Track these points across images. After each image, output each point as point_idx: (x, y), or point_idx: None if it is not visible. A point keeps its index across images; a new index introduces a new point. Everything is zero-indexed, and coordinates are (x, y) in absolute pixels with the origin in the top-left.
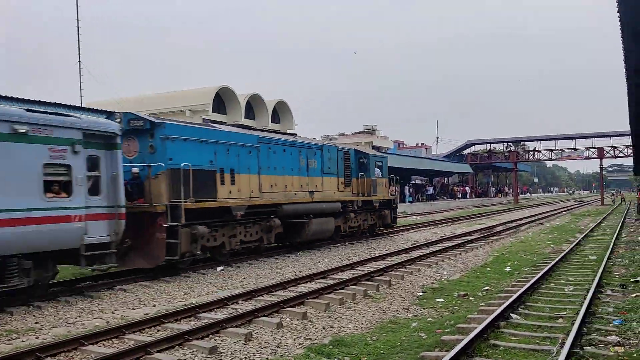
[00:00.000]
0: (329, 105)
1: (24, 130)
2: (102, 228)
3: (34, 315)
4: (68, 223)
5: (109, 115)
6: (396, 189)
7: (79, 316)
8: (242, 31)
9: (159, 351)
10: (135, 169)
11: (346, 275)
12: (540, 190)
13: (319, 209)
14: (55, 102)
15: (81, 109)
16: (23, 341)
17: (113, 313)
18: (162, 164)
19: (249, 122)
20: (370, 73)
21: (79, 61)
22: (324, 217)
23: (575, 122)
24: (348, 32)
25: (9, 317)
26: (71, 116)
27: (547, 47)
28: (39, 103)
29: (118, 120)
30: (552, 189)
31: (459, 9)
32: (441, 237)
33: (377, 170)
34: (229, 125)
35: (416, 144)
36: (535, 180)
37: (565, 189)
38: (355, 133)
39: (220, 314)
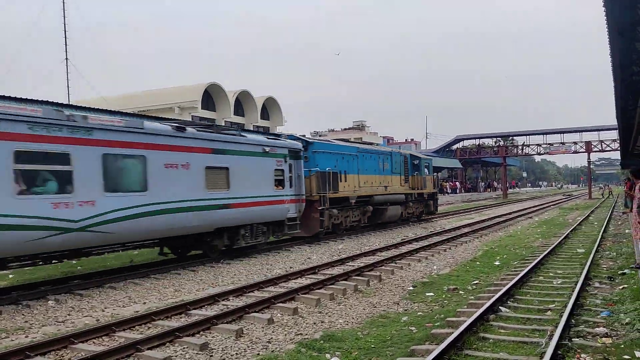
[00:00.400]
0: (318, 101)
1: (267, 150)
2: (294, 208)
3: (23, 314)
4: (283, 204)
5: (290, 136)
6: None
7: (69, 314)
8: (226, 32)
9: (149, 348)
10: None
11: (337, 270)
12: (529, 184)
13: (393, 199)
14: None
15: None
16: (12, 340)
17: (103, 311)
18: (313, 169)
19: (238, 119)
20: (359, 70)
21: (66, 58)
22: (394, 205)
23: (563, 117)
24: (334, 30)
25: None
26: (283, 140)
27: (536, 44)
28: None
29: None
30: (540, 183)
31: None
32: (431, 232)
33: (426, 170)
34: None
35: (405, 140)
36: (524, 174)
37: (554, 183)
38: (345, 129)
39: (211, 311)
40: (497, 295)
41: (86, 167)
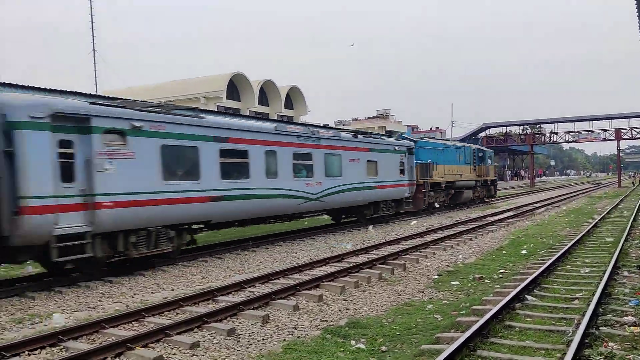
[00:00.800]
0: (342, 90)
1: (396, 148)
2: (408, 190)
3: (55, 300)
4: (403, 187)
5: (402, 136)
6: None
7: (99, 300)
8: (252, 19)
9: (178, 333)
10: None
11: (361, 259)
12: (557, 173)
13: (466, 184)
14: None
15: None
16: (45, 325)
17: (132, 297)
18: (417, 161)
19: (262, 109)
20: (384, 58)
21: (94, 50)
22: (467, 189)
23: (592, 104)
24: (357, 20)
25: (31, 301)
26: (403, 140)
27: (564, 31)
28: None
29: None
30: (568, 171)
31: None
32: (456, 220)
33: (489, 160)
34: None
35: (430, 128)
36: (552, 163)
37: (582, 172)
38: (369, 118)
39: (237, 297)
40: (523, 284)
41: (317, 162)
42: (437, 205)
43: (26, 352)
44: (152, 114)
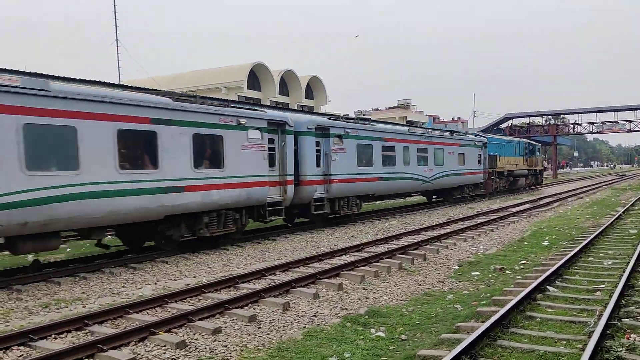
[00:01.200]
0: (363, 79)
1: (475, 143)
2: (482, 177)
3: (80, 286)
4: (480, 174)
5: (474, 134)
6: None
7: (123, 286)
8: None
9: (200, 319)
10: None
11: (380, 249)
12: (581, 164)
13: (521, 173)
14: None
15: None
16: (71, 310)
17: (155, 284)
18: (489, 153)
19: (282, 99)
20: (406, 47)
21: (117, 39)
22: (521, 177)
23: (616, 94)
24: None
25: (57, 287)
26: (480, 136)
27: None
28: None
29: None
30: (592, 163)
31: None
32: (477, 211)
33: (538, 153)
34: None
35: (452, 118)
36: (576, 154)
37: (607, 163)
38: (390, 108)
39: (258, 285)
40: (545, 275)
41: (430, 154)
42: (501, 189)
43: (53, 335)
44: (354, 124)
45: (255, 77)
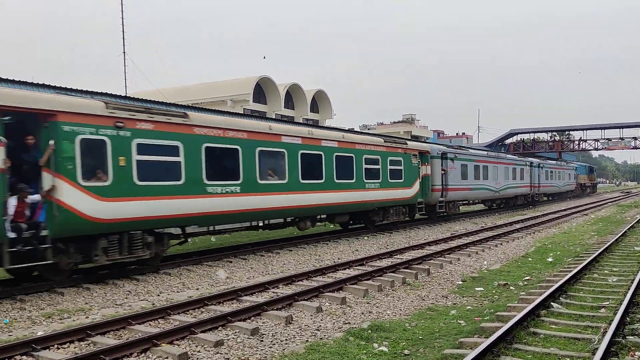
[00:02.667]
0: (366, 94)
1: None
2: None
3: (83, 297)
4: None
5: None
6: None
7: (126, 298)
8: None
9: (203, 331)
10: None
11: (384, 263)
12: None
13: (588, 184)
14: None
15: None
16: (74, 320)
17: (158, 295)
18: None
19: (288, 112)
20: (408, 62)
21: (124, 52)
22: (588, 187)
23: (621, 112)
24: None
25: (60, 297)
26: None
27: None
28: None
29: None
30: (598, 179)
31: None
32: (481, 227)
33: (594, 172)
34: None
35: (457, 134)
36: None
37: (612, 180)
38: (394, 122)
39: (261, 298)
40: (549, 291)
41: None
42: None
43: (55, 346)
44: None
45: (261, 90)
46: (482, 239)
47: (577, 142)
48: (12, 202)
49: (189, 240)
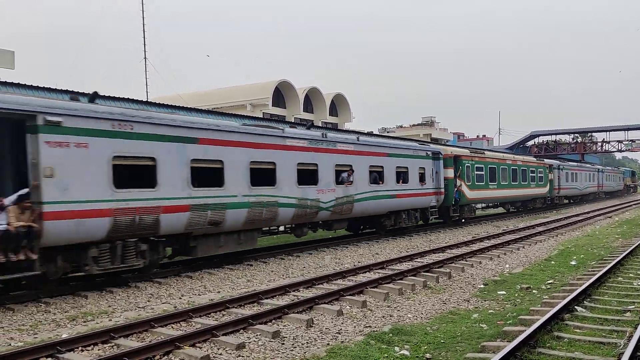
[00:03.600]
0: (385, 97)
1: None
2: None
3: (106, 300)
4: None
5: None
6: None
7: (148, 301)
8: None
9: (224, 334)
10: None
11: (405, 266)
12: None
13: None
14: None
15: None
16: (97, 323)
17: (180, 298)
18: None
19: (307, 116)
20: (426, 66)
21: (145, 57)
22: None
23: None
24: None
25: (84, 300)
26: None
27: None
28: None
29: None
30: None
31: None
32: (503, 230)
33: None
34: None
35: (477, 136)
36: None
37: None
38: (414, 125)
39: (282, 301)
40: (572, 295)
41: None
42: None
43: (80, 348)
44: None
45: (280, 94)
46: (504, 242)
47: (599, 144)
48: None
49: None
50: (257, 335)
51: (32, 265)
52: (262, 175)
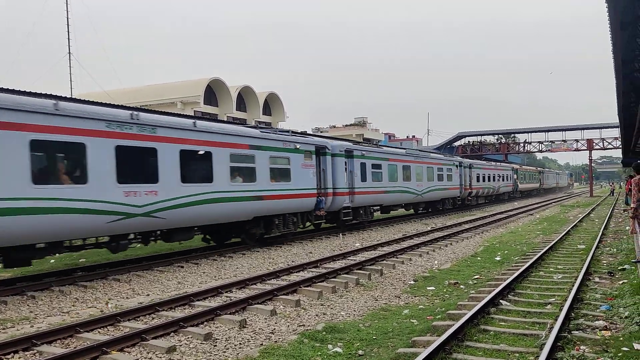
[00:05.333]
0: (319, 97)
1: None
2: (458, 191)
3: (28, 305)
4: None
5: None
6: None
7: (73, 305)
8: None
9: (154, 337)
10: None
11: (338, 265)
12: None
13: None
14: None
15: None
16: (18, 330)
17: (107, 303)
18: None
19: (240, 115)
20: (361, 64)
21: (69, 52)
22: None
23: (565, 115)
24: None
25: (3, 306)
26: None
27: (539, 38)
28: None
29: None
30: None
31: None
32: (432, 227)
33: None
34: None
35: (407, 137)
36: None
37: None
38: (347, 125)
39: (214, 302)
40: (497, 289)
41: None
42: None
43: None
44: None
45: (212, 92)
46: (432, 239)
47: (522, 145)
48: None
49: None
50: (188, 338)
51: None
52: None
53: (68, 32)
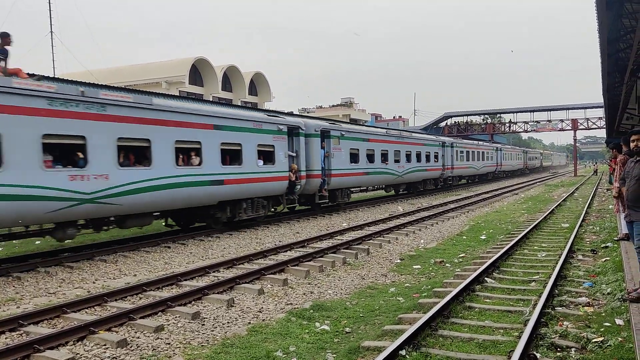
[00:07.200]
0: (306, 78)
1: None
2: (439, 173)
3: (13, 286)
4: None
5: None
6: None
7: (60, 286)
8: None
9: (142, 317)
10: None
11: (325, 244)
12: None
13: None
14: None
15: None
16: (4, 311)
17: (94, 283)
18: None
19: (225, 95)
20: (348, 47)
21: (51, 32)
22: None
23: (550, 95)
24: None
25: None
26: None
27: (526, 21)
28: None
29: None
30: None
31: None
32: (418, 207)
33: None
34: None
35: (394, 117)
36: None
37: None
38: (333, 106)
39: (202, 282)
40: (482, 267)
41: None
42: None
43: None
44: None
45: (198, 72)
46: (418, 218)
47: (507, 125)
48: None
49: None
50: (176, 317)
51: None
52: None
53: (50, 10)
